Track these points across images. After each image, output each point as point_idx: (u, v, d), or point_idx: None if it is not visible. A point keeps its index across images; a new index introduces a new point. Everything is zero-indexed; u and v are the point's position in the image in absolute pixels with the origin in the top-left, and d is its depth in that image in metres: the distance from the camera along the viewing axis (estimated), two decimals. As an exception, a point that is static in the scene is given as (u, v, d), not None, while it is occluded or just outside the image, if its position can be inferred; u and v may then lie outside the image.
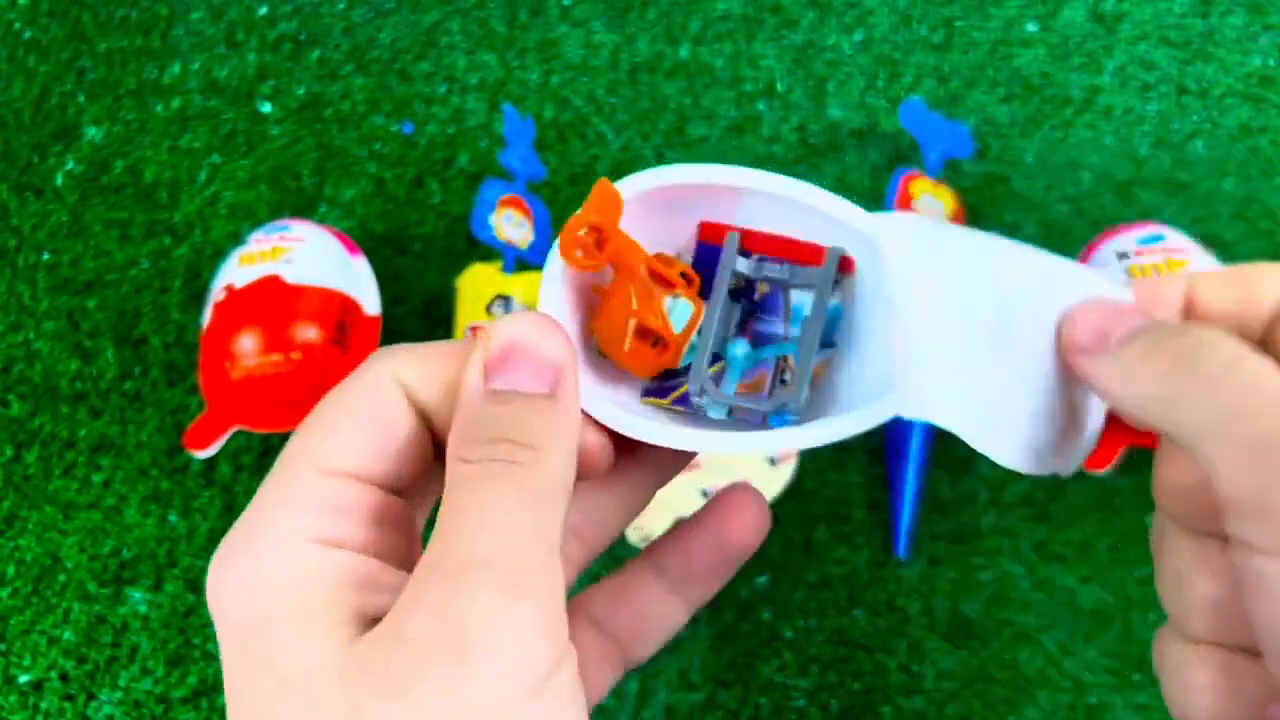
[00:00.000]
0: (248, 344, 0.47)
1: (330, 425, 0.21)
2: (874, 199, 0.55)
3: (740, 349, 0.28)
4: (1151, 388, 0.21)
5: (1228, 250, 0.52)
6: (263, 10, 0.64)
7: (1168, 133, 0.56)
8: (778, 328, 0.28)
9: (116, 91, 0.62)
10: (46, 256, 0.57)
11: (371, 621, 0.19)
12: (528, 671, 0.18)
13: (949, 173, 0.56)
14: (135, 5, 0.64)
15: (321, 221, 0.56)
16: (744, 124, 0.58)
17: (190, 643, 0.47)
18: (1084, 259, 0.49)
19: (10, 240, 0.58)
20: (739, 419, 0.27)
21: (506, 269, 0.51)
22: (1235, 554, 0.19)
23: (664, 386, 0.28)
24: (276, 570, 0.20)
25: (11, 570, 0.50)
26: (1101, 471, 0.47)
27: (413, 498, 0.22)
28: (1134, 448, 0.47)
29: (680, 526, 0.27)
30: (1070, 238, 0.53)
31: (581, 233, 0.26)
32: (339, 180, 0.58)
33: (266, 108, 0.61)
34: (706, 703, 0.45)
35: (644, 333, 0.27)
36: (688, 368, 0.28)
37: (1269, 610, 0.18)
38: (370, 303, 0.50)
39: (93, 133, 0.61)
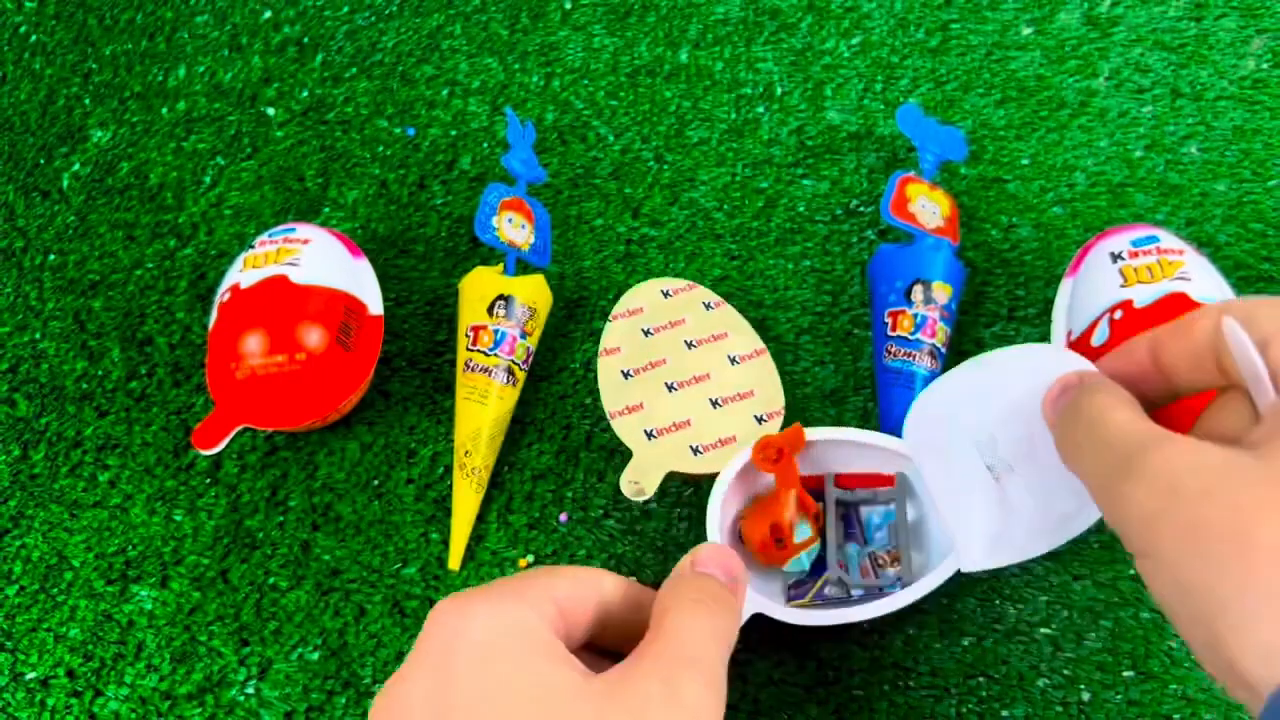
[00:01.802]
0: (253, 344, 0.47)
1: (565, 580, 0.31)
2: (871, 202, 0.56)
3: (853, 549, 0.45)
4: (1063, 448, 0.33)
5: (1220, 252, 0.53)
6: (267, 14, 0.64)
7: (1162, 135, 0.57)
8: (856, 532, 0.46)
9: (122, 94, 0.62)
10: (53, 257, 0.58)
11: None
12: None
13: (945, 175, 0.56)
14: (140, 9, 0.65)
15: (325, 224, 0.57)
16: (743, 127, 0.59)
17: (196, 639, 0.48)
18: (1078, 261, 0.49)
19: (17, 241, 0.58)
20: (861, 596, 0.43)
21: (508, 270, 0.51)
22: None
23: (800, 592, 0.44)
24: (526, 618, 0.28)
25: (18, 568, 0.50)
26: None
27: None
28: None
29: None
30: (1064, 239, 0.54)
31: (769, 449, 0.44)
32: (343, 182, 0.59)
33: (271, 111, 0.61)
34: (705, 698, 0.45)
35: (776, 529, 0.43)
36: (810, 579, 0.44)
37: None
38: (373, 304, 0.51)
39: (99, 135, 0.61)
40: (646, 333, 0.50)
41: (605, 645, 0.32)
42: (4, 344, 0.56)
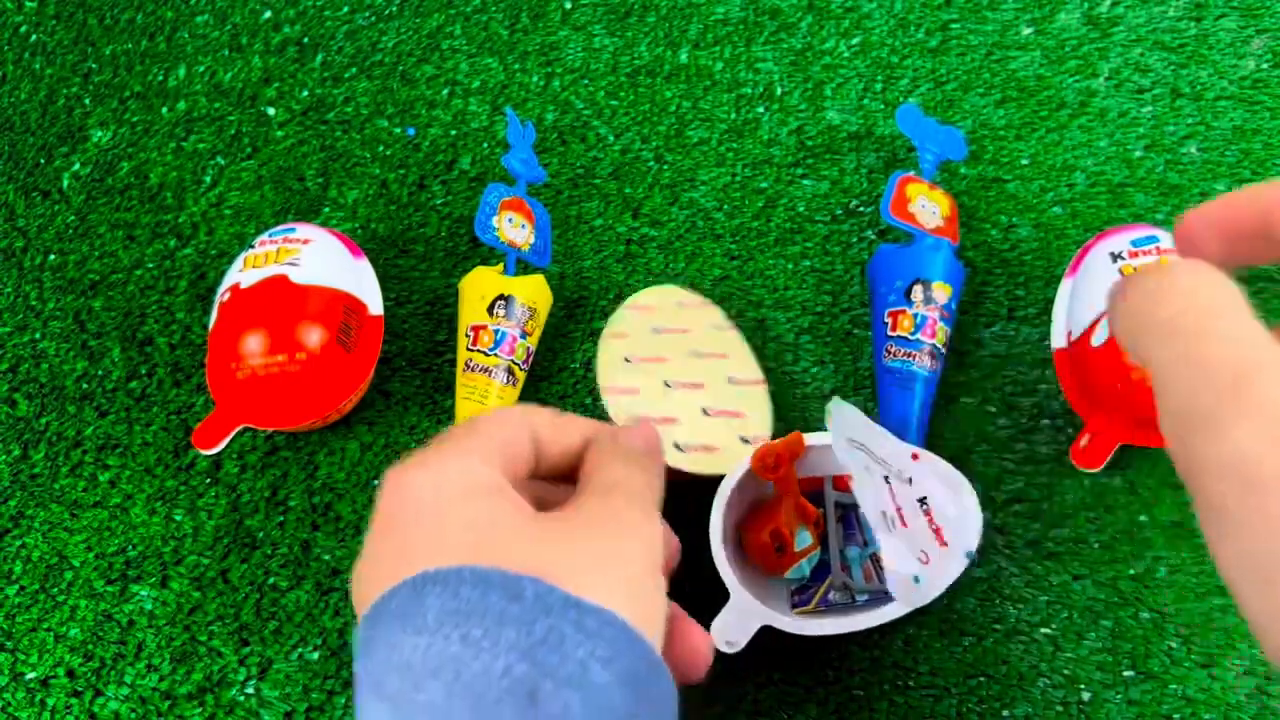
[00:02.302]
0: (253, 344, 0.47)
1: (489, 435, 0.30)
2: (871, 202, 0.56)
3: (854, 551, 0.45)
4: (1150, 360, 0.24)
5: (1220, 252, 0.53)
6: (267, 14, 0.64)
7: (1161, 135, 0.57)
8: (856, 533, 0.46)
9: (122, 94, 0.62)
10: (53, 257, 0.58)
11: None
12: (653, 553, 0.28)
13: (944, 175, 0.56)
14: (141, 9, 0.65)
15: (325, 224, 0.57)
16: (743, 127, 0.59)
17: (196, 639, 0.48)
18: (1078, 261, 0.49)
19: (17, 241, 0.58)
20: (866, 601, 0.44)
21: (508, 270, 0.51)
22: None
23: (805, 598, 0.45)
24: (469, 467, 0.28)
25: (19, 568, 0.50)
26: (1094, 470, 0.47)
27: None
28: (1125, 447, 0.48)
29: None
30: (1064, 240, 0.54)
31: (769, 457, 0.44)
32: (343, 182, 0.59)
33: (271, 111, 0.61)
34: (705, 697, 0.45)
35: (776, 535, 0.43)
36: (813, 585, 0.45)
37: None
38: (374, 304, 0.51)
39: (99, 135, 0.61)
40: (656, 330, 0.50)
41: (544, 475, 0.33)
42: (4, 344, 0.56)
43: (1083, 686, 0.44)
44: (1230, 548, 0.21)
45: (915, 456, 0.40)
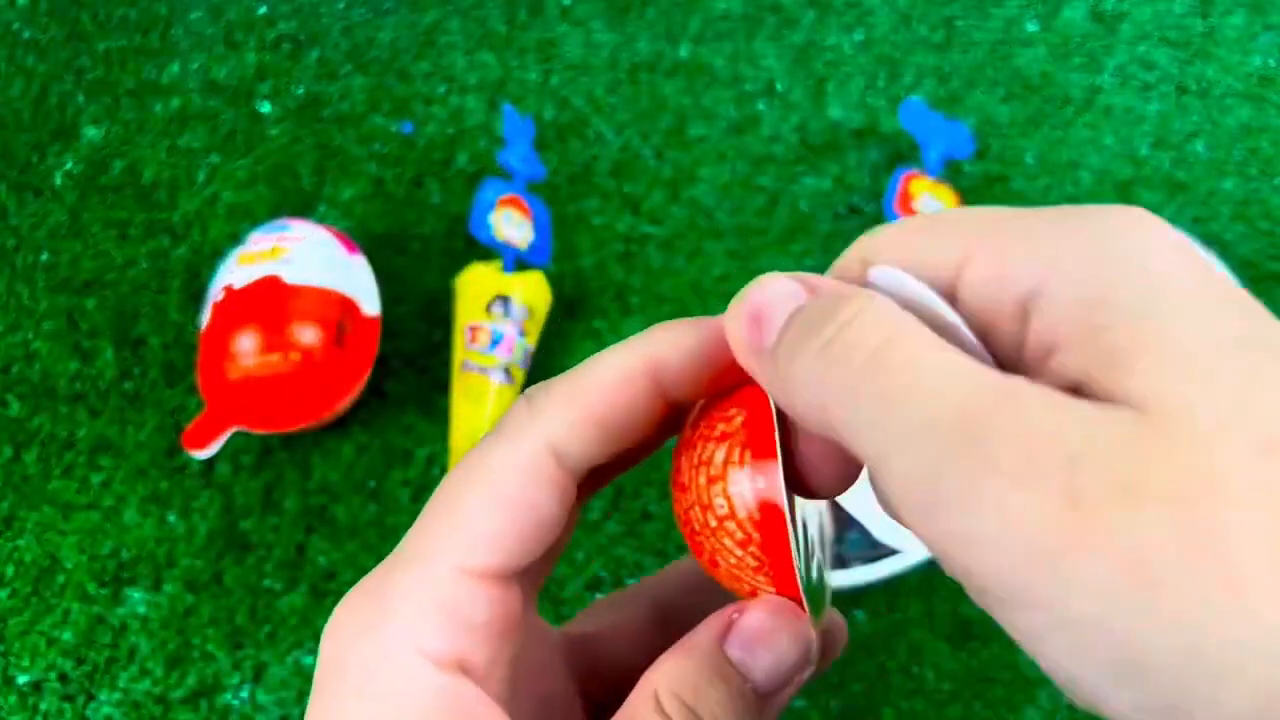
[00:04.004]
0: (246, 344, 0.46)
1: (475, 511, 0.19)
2: (874, 199, 0.55)
3: (854, 537, 0.43)
4: (805, 391, 0.16)
5: (1228, 250, 0.52)
6: (262, 10, 0.63)
7: (1168, 133, 0.56)
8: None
9: (115, 91, 0.61)
10: (45, 256, 0.57)
11: None
12: None
13: (949, 172, 0.55)
14: (134, 5, 0.64)
15: (320, 221, 0.56)
16: (744, 124, 0.58)
17: (189, 643, 0.47)
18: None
19: (9, 240, 0.58)
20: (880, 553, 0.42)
21: (506, 268, 0.51)
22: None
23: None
24: (390, 685, 0.18)
25: (11, 571, 0.50)
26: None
27: (534, 571, 0.20)
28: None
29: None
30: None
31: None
32: (338, 180, 0.58)
33: (266, 107, 0.60)
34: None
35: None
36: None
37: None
38: (369, 303, 0.50)
39: (92, 132, 0.60)
40: None
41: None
42: (-4, 344, 0.55)
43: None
44: (1036, 618, 0.14)
45: None
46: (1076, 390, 0.15)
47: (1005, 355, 0.17)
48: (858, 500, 0.41)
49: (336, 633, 0.18)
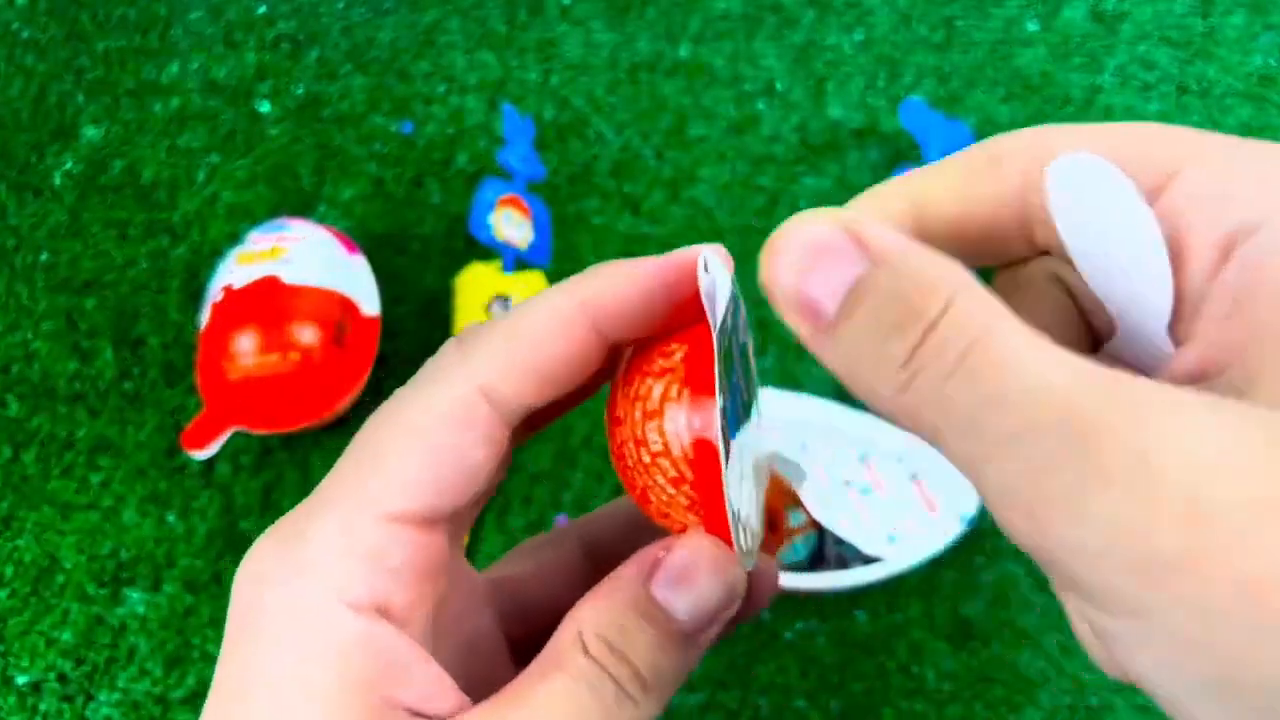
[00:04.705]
0: (246, 344, 0.46)
1: (398, 455, 0.18)
2: (874, 199, 0.55)
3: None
4: (882, 388, 0.15)
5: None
6: (261, 10, 0.63)
7: (1168, 132, 0.56)
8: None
9: (115, 91, 0.61)
10: (45, 256, 0.57)
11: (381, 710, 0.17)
12: None
13: (949, 172, 0.55)
14: (134, 5, 0.64)
15: (320, 221, 0.56)
16: (744, 123, 0.58)
17: (189, 644, 0.47)
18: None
19: (9, 240, 0.58)
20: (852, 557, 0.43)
21: (506, 268, 0.51)
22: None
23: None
24: (307, 632, 0.17)
25: (10, 571, 0.49)
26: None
27: (460, 516, 0.20)
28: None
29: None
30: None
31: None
32: (338, 180, 0.58)
33: (265, 107, 0.60)
34: (706, 704, 0.45)
35: (767, 513, 0.36)
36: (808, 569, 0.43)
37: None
38: (369, 303, 0.50)
39: (91, 132, 0.60)
40: None
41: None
42: (-5, 344, 0.55)
43: (1091, 693, 0.44)
44: (1147, 653, 0.13)
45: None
46: (1223, 365, 0.13)
47: (1187, 291, 0.14)
48: (844, 519, 0.41)
49: (249, 581, 0.18)
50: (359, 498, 0.18)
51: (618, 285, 0.19)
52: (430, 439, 0.18)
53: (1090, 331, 0.17)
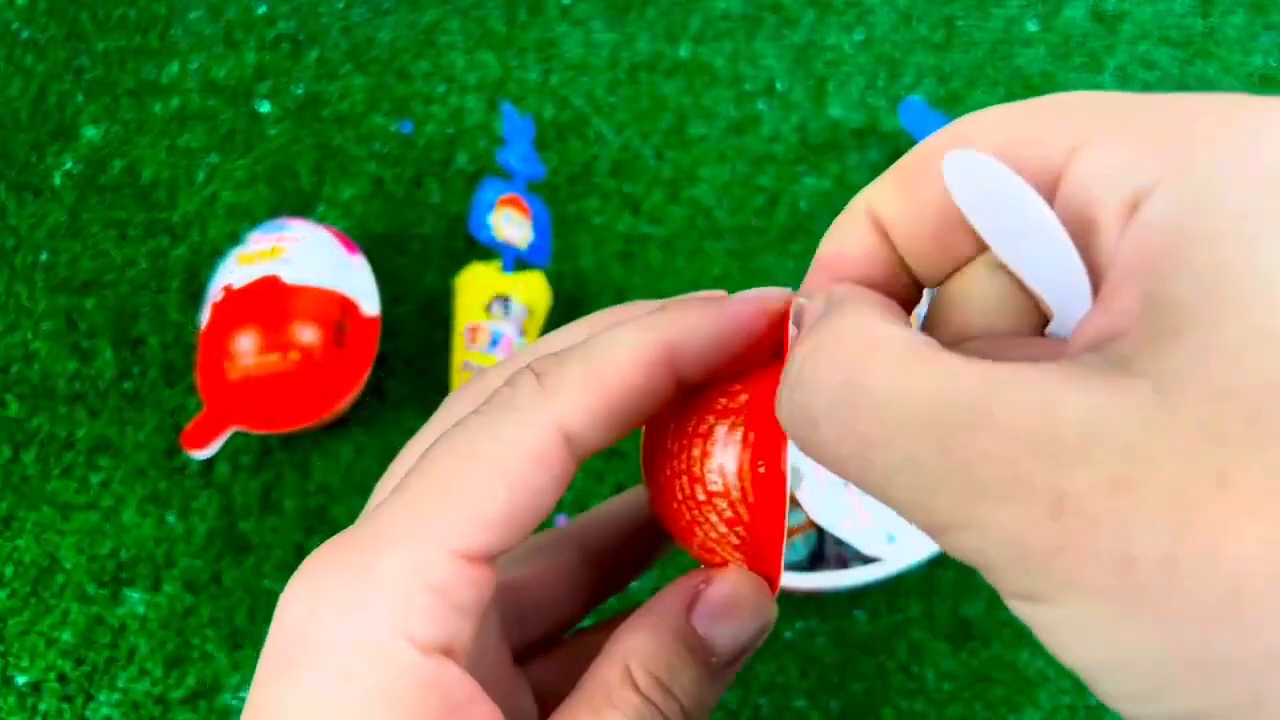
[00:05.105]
0: (246, 344, 0.46)
1: (478, 491, 0.17)
2: (874, 199, 0.55)
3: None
4: (795, 425, 0.15)
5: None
6: (261, 9, 0.63)
7: (1168, 132, 0.56)
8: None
9: (115, 91, 0.61)
10: (44, 256, 0.57)
11: None
12: None
13: (949, 172, 0.55)
14: (133, 4, 0.64)
15: (320, 221, 0.56)
16: (744, 123, 0.58)
17: (189, 644, 0.47)
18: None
19: (8, 240, 0.58)
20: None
21: (506, 268, 0.51)
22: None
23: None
24: (373, 669, 0.16)
25: (10, 571, 0.49)
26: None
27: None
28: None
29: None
30: (1071, 237, 0.53)
31: None
32: (337, 180, 0.58)
33: (265, 107, 0.60)
34: (706, 704, 0.45)
35: None
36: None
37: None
38: (369, 302, 0.50)
39: (91, 132, 0.60)
40: None
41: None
42: (-5, 344, 0.55)
43: (1090, 692, 0.44)
44: (1080, 641, 0.13)
45: None
46: (1116, 334, 0.13)
47: (1103, 265, 0.14)
48: (843, 520, 0.41)
49: (303, 604, 0.17)
50: (431, 532, 0.17)
51: (701, 327, 0.18)
52: (511, 478, 0.17)
53: (1040, 314, 0.17)
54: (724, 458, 0.18)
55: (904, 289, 0.18)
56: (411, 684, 0.16)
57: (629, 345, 0.18)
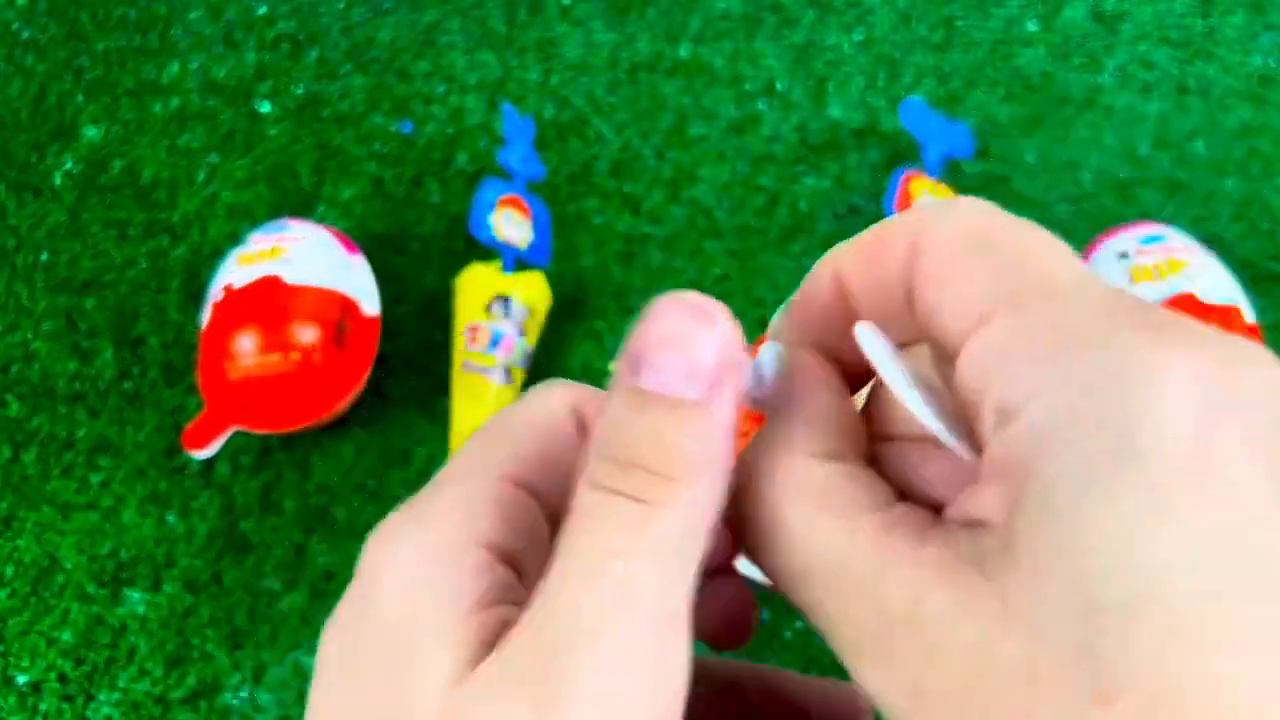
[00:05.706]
0: (246, 344, 0.46)
1: (514, 434, 0.19)
2: (874, 199, 0.55)
3: None
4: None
5: (1228, 250, 0.52)
6: (261, 10, 0.63)
7: (1168, 132, 0.56)
8: None
9: (115, 91, 0.61)
10: (45, 256, 0.57)
11: (498, 633, 0.17)
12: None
13: (949, 172, 0.55)
14: (133, 4, 0.64)
15: (320, 221, 0.56)
16: (744, 123, 0.58)
17: (189, 644, 0.47)
18: (1085, 259, 0.49)
19: (9, 240, 0.58)
20: None
21: (506, 268, 0.51)
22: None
23: None
24: (443, 566, 0.17)
25: (10, 571, 0.49)
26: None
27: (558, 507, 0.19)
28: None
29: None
30: (1071, 238, 0.53)
31: None
32: (338, 180, 0.58)
33: (265, 107, 0.60)
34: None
35: None
36: None
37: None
38: (369, 303, 0.50)
39: (91, 132, 0.60)
40: None
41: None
42: (-5, 344, 0.55)
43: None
44: None
45: None
46: (990, 524, 0.15)
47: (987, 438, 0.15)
48: None
49: (378, 541, 0.18)
50: (489, 466, 0.18)
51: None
52: (535, 423, 0.19)
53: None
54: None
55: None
56: (483, 577, 0.17)
57: (556, 396, 0.20)
